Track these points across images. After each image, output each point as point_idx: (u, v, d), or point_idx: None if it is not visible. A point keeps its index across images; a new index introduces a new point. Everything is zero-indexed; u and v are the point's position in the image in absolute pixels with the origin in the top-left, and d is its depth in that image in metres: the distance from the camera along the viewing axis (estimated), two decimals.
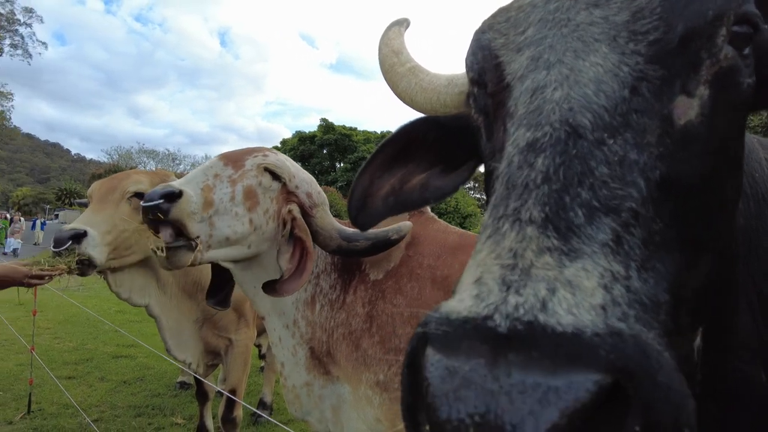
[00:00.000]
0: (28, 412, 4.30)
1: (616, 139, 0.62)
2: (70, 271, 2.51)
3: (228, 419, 3.28)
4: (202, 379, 3.32)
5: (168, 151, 39.15)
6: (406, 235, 1.89)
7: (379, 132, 46.59)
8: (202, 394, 3.65)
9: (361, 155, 42.57)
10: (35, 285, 2.44)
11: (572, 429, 0.42)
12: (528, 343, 0.46)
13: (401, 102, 1.16)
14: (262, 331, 3.81)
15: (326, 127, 44.65)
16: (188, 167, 38.02)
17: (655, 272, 0.56)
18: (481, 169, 0.99)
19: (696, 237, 0.65)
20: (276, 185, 1.85)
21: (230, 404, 3.27)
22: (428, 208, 2.14)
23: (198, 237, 1.67)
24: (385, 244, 1.85)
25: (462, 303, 0.52)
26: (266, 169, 1.83)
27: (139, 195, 2.68)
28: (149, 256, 2.78)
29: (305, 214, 1.88)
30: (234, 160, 1.83)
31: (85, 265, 2.52)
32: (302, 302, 1.95)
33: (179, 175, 2.99)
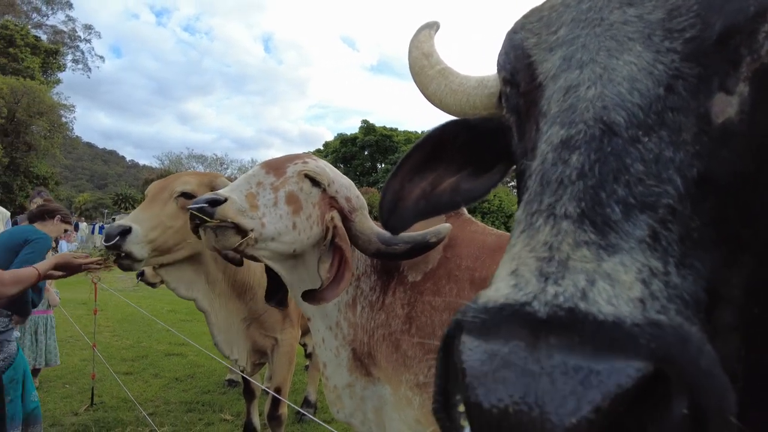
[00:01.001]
0: (91, 404, 4.58)
1: (650, 137, 0.61)
2: (109, 263, 2.68)
3: (273, 417, 3.37)
4: (249, 378, 3.42)
5: (216, 155, 40.67)
6: (445, 237, 1.89)
7: (419, 132, 46.46)
8: (249, 392, 3.77)
9: (402, 155, 42.61)
10: (90, 269, 2.67)
11: (612, 415, 0.42)
12: (569, 328, 0.47)
13: (431, 104, 1.17)
14: (307, 331, 3.89)
15: (367, 128, 44.94)
16: (235, 171, 39.29)
17: (694, 269, 0.55)
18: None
19: (737, 236, 0.63)
20: (316, 191, 1.89)
21: (276, 402, 3.36)
22: (464, 210, 2.13)
23: (252, 230, 1.72)
24: (424, 247, 1.85)
25: (498, 292, 0.53)
26: (306, 176, 1.88)
27: (185, 194, 2.77)
28: (197, 252, 2.91)
29: (345, 218, 1.92)
30: (275, 167, 1.89)
31: (129, 260, 2.62)
32: (344, 304, 1.99)
33: (230, 178, 3.09)
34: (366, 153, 45.22)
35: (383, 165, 44.54)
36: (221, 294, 3.11)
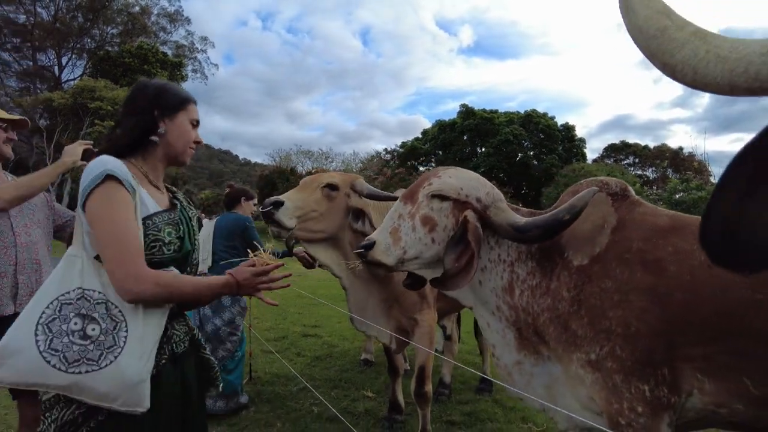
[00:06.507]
0: (250, 379, 5.18)
1: None
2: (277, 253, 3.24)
3: (420, 394, 3.59)
4: (398, 353, 3.66)
5: (321, 150, 42.61)
6: (583, 206, 1.86)
7: (522, 112, 44.59)
8: (393, 370, 4.04)
9: (504, 138, 41.10)
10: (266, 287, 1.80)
11: None
12: None
13: (671, 76, 0.89)
14: (444, 314, 4.07)
15: (466, 112, 44.05)
16: (339, 164, 41.00)
17: None
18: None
19: None
20: (447, 204, 2.07)
21: (421, 380, 3.58)
22: (632, 191, 2.11)
23: (394, 265, 2.10)
24: (557, 226, 1.87)
25: None
26: (433, 196, 2.09)
27: (330, 186, 3.28)
28: (335, 237, 3.35)
29: (481, 216, 2.04)
30: (410, 196, 2.14)
31: (278, 227, 3.13)
32: (500, 289, 2.10)
33: (335, 171, 3.42)
34: (465, 138, 44.44)
35: (483, 149, 43.54)
36: (360, 275, 3.40)
